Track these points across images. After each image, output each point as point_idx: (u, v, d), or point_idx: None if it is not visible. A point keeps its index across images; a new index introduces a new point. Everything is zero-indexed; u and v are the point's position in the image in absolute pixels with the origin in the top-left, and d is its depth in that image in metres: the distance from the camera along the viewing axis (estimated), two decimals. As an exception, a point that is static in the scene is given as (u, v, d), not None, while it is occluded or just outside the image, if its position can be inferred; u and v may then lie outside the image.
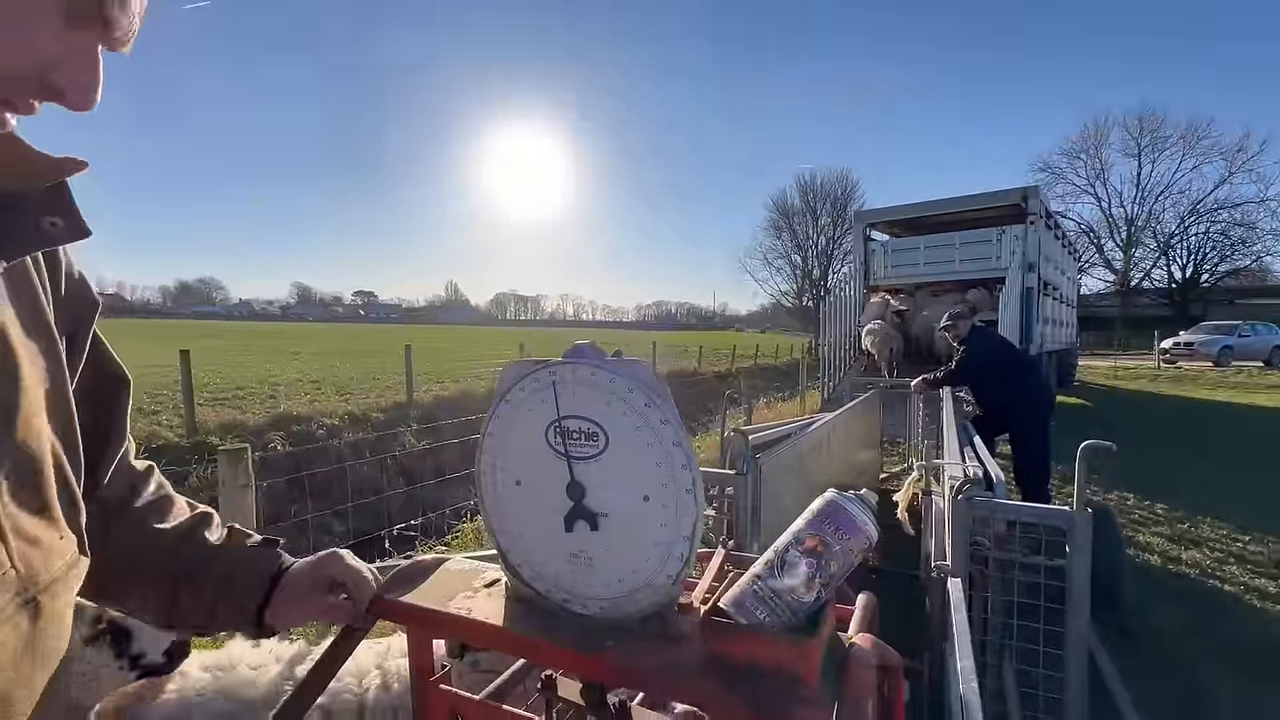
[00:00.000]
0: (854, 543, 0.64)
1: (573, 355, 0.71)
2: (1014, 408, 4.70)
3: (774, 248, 45.99)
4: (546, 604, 0.75)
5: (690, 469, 0.65)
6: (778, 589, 0.62)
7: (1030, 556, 1.66)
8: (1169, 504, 5.49)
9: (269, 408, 8.98)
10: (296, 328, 56.35)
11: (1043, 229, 9.01)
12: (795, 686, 0.57)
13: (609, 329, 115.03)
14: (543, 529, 0.74)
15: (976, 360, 4.78)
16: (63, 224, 0.56)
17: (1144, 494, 5.79)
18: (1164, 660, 3.00)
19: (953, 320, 5.05)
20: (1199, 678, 2.83)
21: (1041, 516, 1.61)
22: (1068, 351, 14.13)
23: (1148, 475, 6.31)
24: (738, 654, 0.60)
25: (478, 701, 0.83)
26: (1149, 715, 2.45)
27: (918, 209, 10.13)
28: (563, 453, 0.71)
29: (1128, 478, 6.08)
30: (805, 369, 11.46)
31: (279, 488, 5.34)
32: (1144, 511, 5.36)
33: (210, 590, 0.78)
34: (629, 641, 0.67)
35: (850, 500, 0.66)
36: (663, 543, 0.67)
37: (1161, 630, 3.30)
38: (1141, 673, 2.85)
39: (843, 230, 40.17)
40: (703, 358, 22.23)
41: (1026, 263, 8.74)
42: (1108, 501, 5.49)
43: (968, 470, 1.81)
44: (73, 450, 0.61)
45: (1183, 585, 3.94)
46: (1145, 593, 3.71)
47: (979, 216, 9.62)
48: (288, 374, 13.00)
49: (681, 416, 0.67)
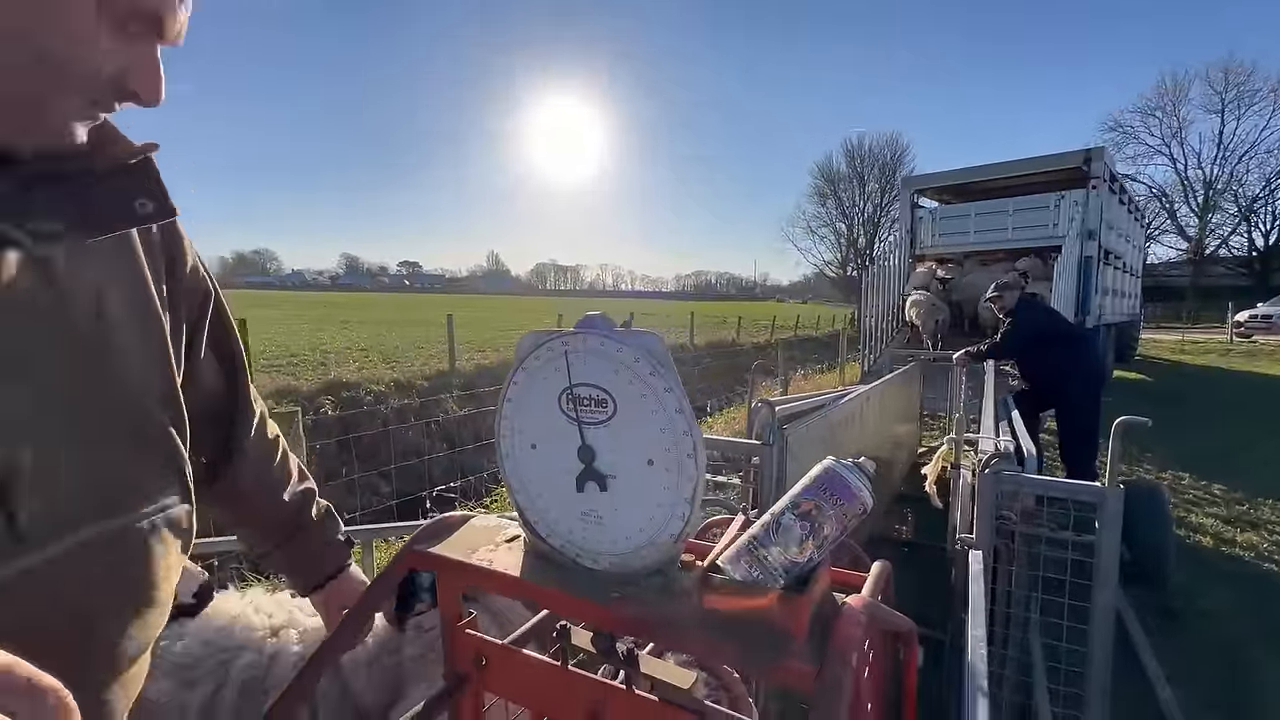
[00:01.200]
0: (849, 508, 0.66)
1: (584, 325, 0.75)
2: (1061, 383, 4.53)
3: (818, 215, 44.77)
4: (560, 558, 0.80)
5: (691, 435, 0.68)
6: (771, 549, 0.65)
7: (1058, 532, 1.64)
8: (1228, 484, 5.25)
9: (320, 374, 9.39)
10: (345, 297, 58.18)
11: (1106, 193, 8.49)
12: (783, 640, 0.61)
13: (647, 299, 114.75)
14: (557, 489, 0.78)
15: (1022, 333, 4.61)
16: (153, 206, 0.65)
17: (1201, 473, 5.54)
18: (1207, 641, 2.93)
19: (999, 291, 4.87)
20: (1242, 659, 2.75)
21: (1070, 492, 1.58)
22: (1130, 324, 13.41)
23: (1208, 454, 6.03)
24: (731, 608, 0.64)
25: (499, 645, 0.90)
26: (1185, 692, 2.41)
27: (970, 174, 9.66)
28: (574, 418, 0.75)
29: (1185, 456, 5.83)
30: (845, 341, 11.24)
31: (330, 450, 5.63)
32: (1199, 491, 5.14)
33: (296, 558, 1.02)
34: (634, 594, 0.72)
35: (847, 467, 0.68)
36: (665, 504, 0.70)
37: (1208, 612, 3.21)
38: (1181, 652, 2.79)
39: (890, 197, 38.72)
40: (741, 329, 22.01)
41: (1086, 230, 8.28)
42: (1160, 480, 5.29)
43: (998, 444, 1.78)
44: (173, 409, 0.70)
45: (1235, 568, 3.80)
46: (1193, 574, 3.59)
47: (1036, 181, 9.12)
48: (337, 342, 13.52)
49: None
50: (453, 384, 9.70)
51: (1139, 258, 13.72)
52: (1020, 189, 9.31)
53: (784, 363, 8.19)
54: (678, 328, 20.78)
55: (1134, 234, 12.24)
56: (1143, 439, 7.12)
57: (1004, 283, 5.01)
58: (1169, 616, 3.09)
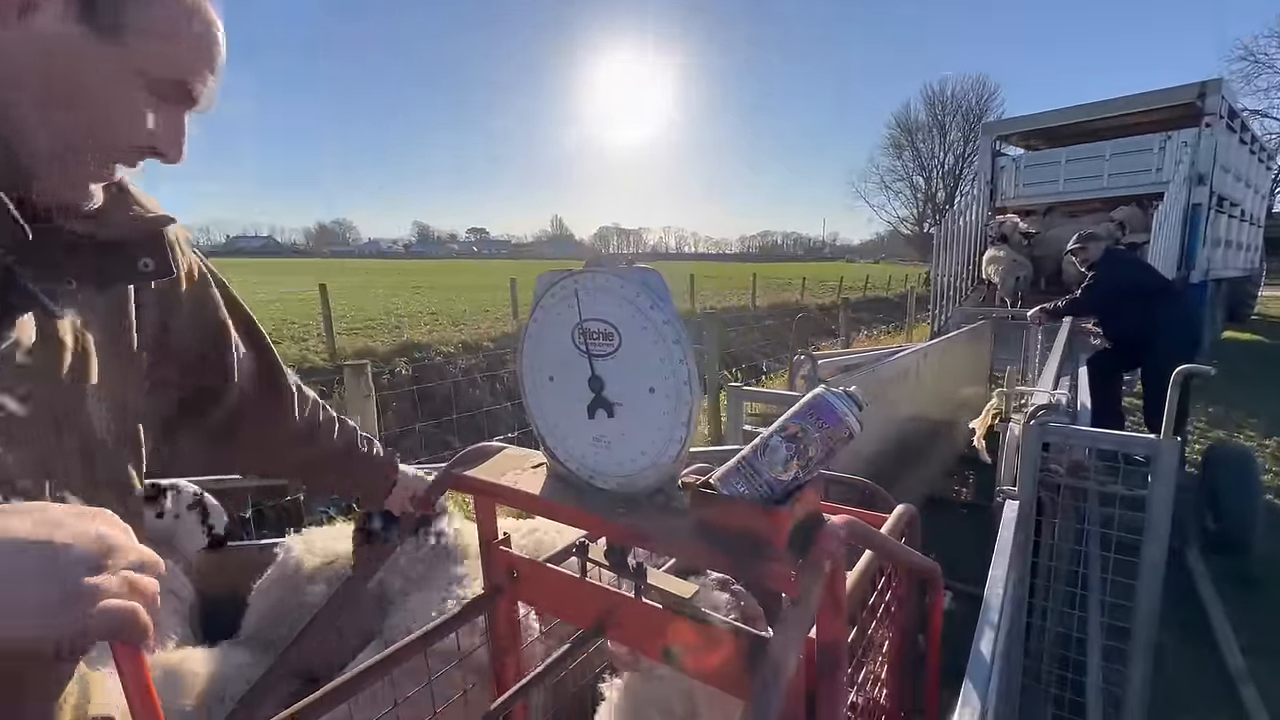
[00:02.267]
0: (834, 431, 0.70)
1: (594, 265, 0.80)
2: (1147, 342, 4.19)
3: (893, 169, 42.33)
4: (576, 480, 0.87)
5: (686, 363, 0.73)
6: (758, 467, 0.70)
7: (1107, 484, 1.57)
8: (1343, 454, 4.76)
9: (395, 336, 9.96)
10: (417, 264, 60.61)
11: (1223, 132, 7.57)
12: (765, 547, 0.66)
13: (710, 261, 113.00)
14: (571, 417, 0.86)
15: (1104, 286, 4.27)
16: (153, 264, 0.71)
17: (1313, 441, 5.05)
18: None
19: (1082, 242, 4.51)
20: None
21: (1122, 444, 1.51)
22: (1245, 279, 12.09)
23: (1324, 420, 5.46)
24: (720, 520, 0.70)
25: (528, 560, 1.00)
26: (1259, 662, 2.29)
27: (1061, 116, 8.78)
28: (585, 351, 0.82)
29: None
30: (914, 300, 10.76)
31: (404, 407, 6.03)
32: (1306, 459, 4.69)
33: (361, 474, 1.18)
34: (638, 510, 0.79)
35: (836, 394, 0.71)
36: (665, 428, 0.76)
37: (1297, 583, 2.98)
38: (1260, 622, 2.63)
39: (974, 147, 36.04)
40: (806, 289, 21.42)
41: (1195, 174, 7.46)
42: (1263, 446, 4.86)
43: (1052, 396, 1.71)
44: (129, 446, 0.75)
45: (1336, 540, 3.49)
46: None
47: (1140, 121, 8.24)
48: (411, 307, 14.22)
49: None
50: (516, 344, 10.04)
51: (1262, 205, 12.21)
52: (1120, 131, 8.44)
53: (846, 323, 7.97)
54: (739, 290, 20.48)
55: (1258, 178, 10.88)
56: (1248, 403, 6.52)
57: (1089, 233, 4.64)
58: (1248, 585, 2.90)
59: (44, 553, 0.47)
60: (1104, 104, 8.37)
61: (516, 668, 1.06)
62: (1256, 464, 3.25)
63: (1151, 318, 4.20)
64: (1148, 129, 8.06)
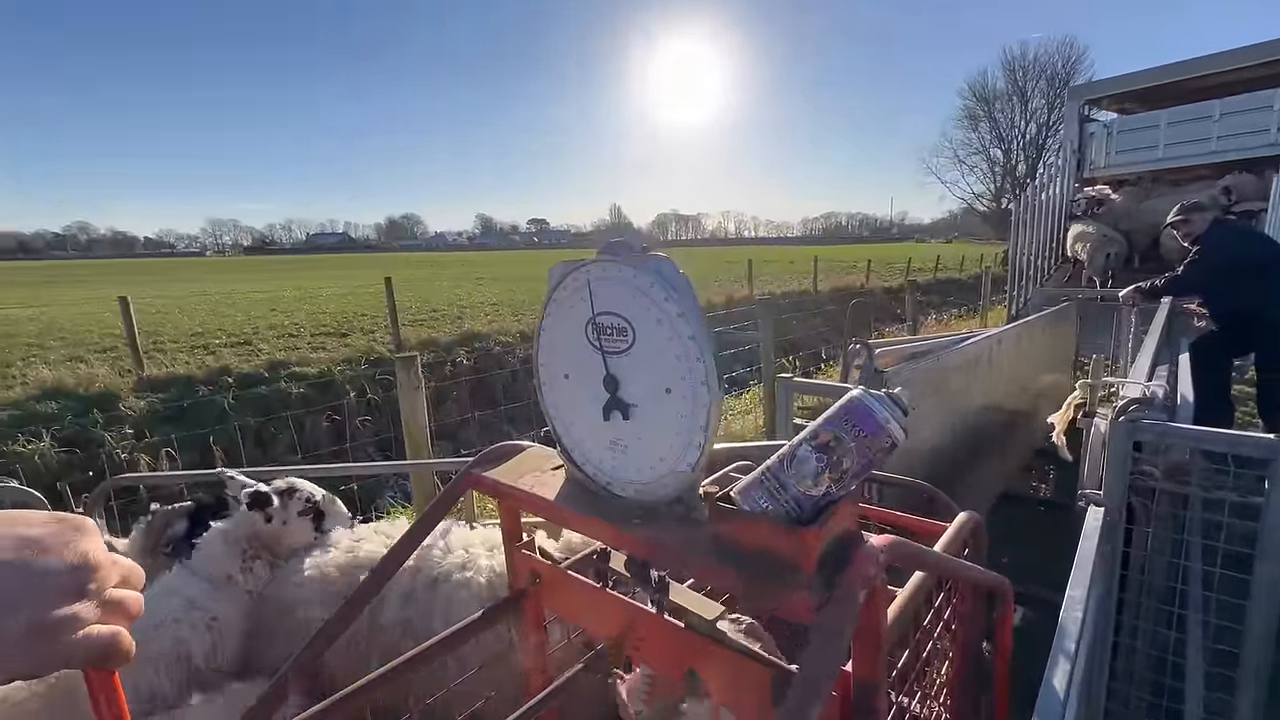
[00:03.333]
0: (873, 440, 0.60)
1: (607, 252, 0.74)
2: (1265, 322, 3.71)
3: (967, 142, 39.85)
4: (593, 485, 0.82)
5: (704, 360, 0.65)
6: (784, 480, 0.61)
7: (1213, 491, 1.37)
8: None
9: (457, 327, 10.24)
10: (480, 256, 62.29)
11: (1359, 82, 6.66)
12: (790, 571, 0.58)
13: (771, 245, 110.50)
14: (587, 418, 0.80)
15: (1210, 262, 3.80)
16: None
17: None
18: None
19: (1185, 214, 4.04)
20: None
21: (1231, 445, 1.29)
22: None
23: None
24: (740, 536, 0.62)
25: (550, 565, 0.95)
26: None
27: (1160, 74, 7.92)
28: (598, 347, 0.75)
29: None
30: (990, 282, 10.08)
31: (462, 394, 6.18)
32: None
33: None
34: (655, 520, 0.72)
35: (874, 398, 0.62)
36: (683, 433, 0.69)
37: None
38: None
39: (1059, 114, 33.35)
40: (871, 272, 20.55)
41: (1323, 132, 6.60)
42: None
43: (1146, 389, 1.50)
44: None
45: None
46: None
47: (1253, 76, 7.34)
48: (473, 298, 14.60)
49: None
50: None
51: None
52: (1230, 88, 7.54)
53: (913, 307, 7.56)
54: (801, 274, 19.89)
55: (1404, 133, 9.51)
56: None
57: (1193, 203, 4.15)
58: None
59: (24, 580, 0.44)
60: (1212, 58, 7.50)
61: (543, 678, 1.02)
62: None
63: (1267, 295, 3.72)
64: (1264, 84, 7.16)
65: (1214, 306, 4.07)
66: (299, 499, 1.70)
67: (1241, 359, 4.45)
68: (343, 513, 1.78)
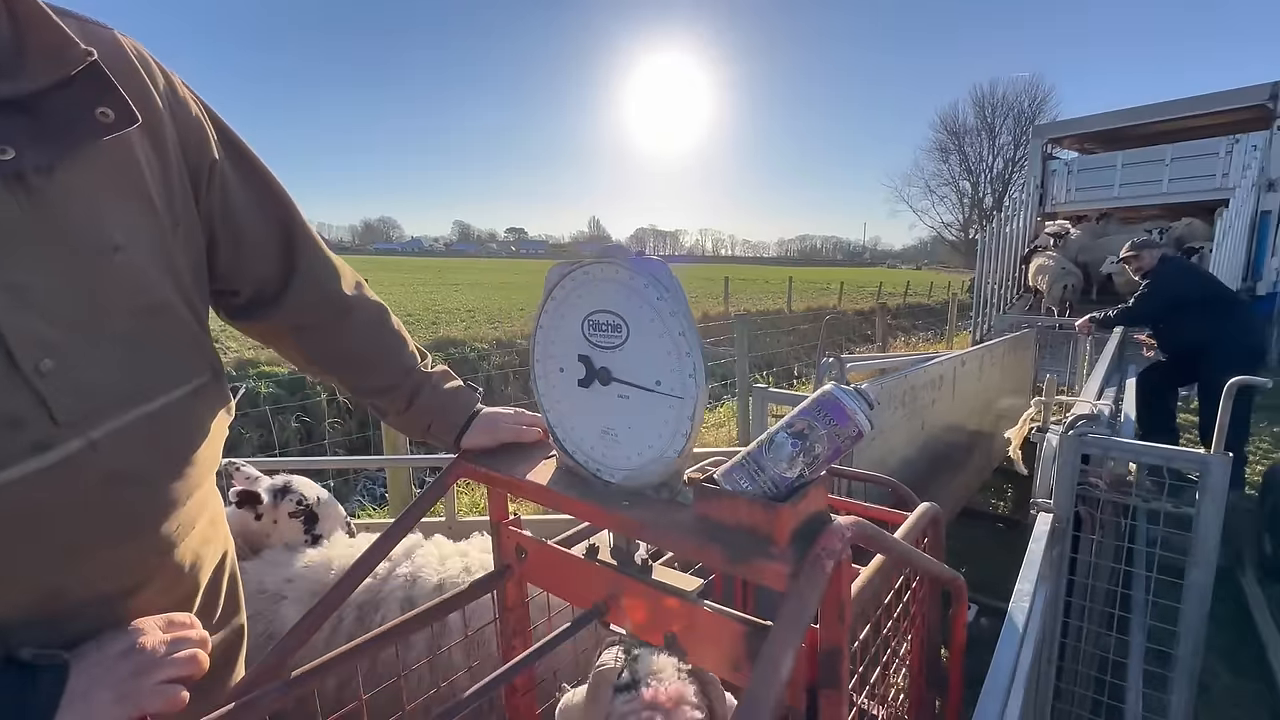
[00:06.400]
0: (842, 430, 0.67)
1: (604, 255, 0.80)
2: (1204, 355, 3.96)
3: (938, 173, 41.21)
4: (583, 472, 0.87)
5: (693, 355, 0.72)
6: (763, 463, 0.68)
7: (1150, 500, 1.48)
8: None
9: (432, 332, 10.17)
10: (457, 262, 61.84)
11: (1296, 136, 7.14)
12: (765, 544, 0.64)
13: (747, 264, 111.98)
14: (580, 410, 0.85)
15: (1160, 296, 4.06)
16: (114, 114, 0.62)
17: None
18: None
19: (1136, 250, 4.30)
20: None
21: (1167, 458, 1.41)
22: (1318, 293, 11.34)
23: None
24: (721, 514, 0.68)
25: (537, 541, 1.00)
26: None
27: (1119, 118, 8.41)
28: (593, 343, 0.81)
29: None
30: (956, 308, 10.44)
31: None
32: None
33: (434, 406, 1.01)
34: (641, 504, 0.78)
35: (845, 392, 0.69)
36: (670, 422, 0.75)
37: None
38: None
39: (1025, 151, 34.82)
40: (844, 294, 21.03)
41: (1265, 180, 7.06)
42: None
43: (1093, 406, 1.62)
44: (188, 295, 0.75)
45: None
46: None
47: (1204, 124, 7.83)
48: (449, 304, 14.50)
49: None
50: (549, 344, 10.15)
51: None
52: (1183, 134, 8.03)
53: (883, 329, 7.79)
54: (775, 293, 20.23)
55: (1335, 184, 10.21)
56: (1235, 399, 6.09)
57: (1142, 240, 4.43)
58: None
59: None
60: (1166, 105, 7.98)
61: (524, 646, 1.06)
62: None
63: (1211, 329, 3.98)
64: (1213, 132, 7.65)
65: (1162, 338, 4.33)
66: (291, 499, 1.67)
67: (1186, 389, 4.72)
68: (339, 516, 1.74)
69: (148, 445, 0.69)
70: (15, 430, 0.58)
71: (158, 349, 0.70)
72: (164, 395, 0.71)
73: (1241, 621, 2.69)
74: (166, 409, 0.71)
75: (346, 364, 0.99)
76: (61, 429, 0.60)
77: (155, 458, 0.70)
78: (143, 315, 0.68)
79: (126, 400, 0.66)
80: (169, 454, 0.72)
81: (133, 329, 0.67)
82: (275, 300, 0.90)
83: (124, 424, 0.66)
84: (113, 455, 0.65)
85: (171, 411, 0.72)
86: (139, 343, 0.68)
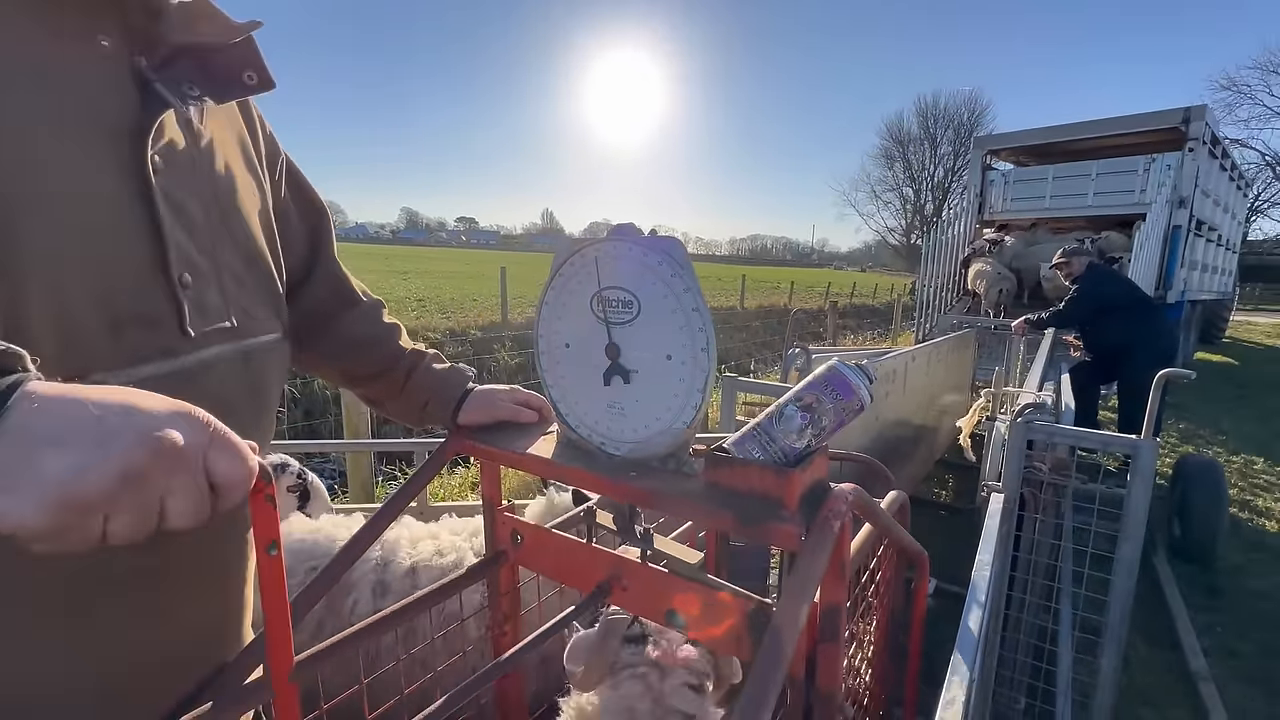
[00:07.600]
0: (846, 403, 0.72)
1: (615, 234, 0.82)
2: (1125, 355, 4.32)
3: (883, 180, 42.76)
4: (587, 446, 0.89)
5: (705, 331, 0.75)
6: (773, 434, 0.72)
7: (1088, 483, 1.63)
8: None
9: (381, 321, 9.85)
10: (405, 250, 59.93)
11: (1205, 158, 7.78)
12: (776, 507, 0.68)
13: (700, 262, 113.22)
14: (586, 383, 0.87)
15: (1087, 300, 4.39)
16: (257, 78, 0.73)
17: (1277, 459, 5.22)
18: (1253, 620, 2.84)
19: (1066, 257, 4.63)
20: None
21: (1104, 443, 1.56)
22: (1219, 303, 12.41)
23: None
24: (732, 480, 0.72)
25: (532, 525, 1.01)
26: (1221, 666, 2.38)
27: (1051, 133, 8.95)
28: (603, 319, 0.83)
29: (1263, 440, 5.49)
30: (900, 309, 10.90)
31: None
32: (1273, 476, 4.86)
33: (429, 384, 1.03)
34: (649, 474, 0.81)
35: (849, 367, 0.74)
36: (681, 394, 0.78)
37: (1259, 592, 3.10)
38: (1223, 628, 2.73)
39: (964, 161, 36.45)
40: (794, 294, 21.58)
41: (1177, 197, 7.66)
42: (1230, 462, 5.02)
43: (1037, 397, 1.76)
44: (275, 255, 0.83)
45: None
46: (1250, 556, 3.46)
47: (1126, 143, 8.42)
48: (397, 292, 14.06)
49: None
50: (504, 334, 10.00)
51: (1238, 231, 12.55)
52: (1107, 151, 8.62)
53: (834, 327, 8.06)
54: (728, 290, 20.56)
55: (1235, 205, 11.20)
56: (1216, 421, 6.72)
57: (1072, 248, 4.76)
58: (1211, 592, 3.00)
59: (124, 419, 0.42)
60: (1092, 124, 8.54)
61: (515, 633, 1.07)
62: (1224, 477, 3.35)
63: (1131, 331, 4.33)
64: (1134, 151, 8.23)
65: (1088, 339, 4.68)
66: (290, 474, 1.69)
67: (1107, 388, 5.11)
68: (325, 497, 1.77)
69: (242, 380, 0.74)
70: (152, 331, 0.63)
71: (254, 293, 0.77)
72: (254, 337, 0.76)
73: (1154, 598, 2.95)
74: (257, 351, 0.76)
75: (349, 350, 1.02)
76: (185, 341, 0.66)
77: (244, 394, 0.74)
78: (247, 259, 0.75)
79: (231, 332, 0.72)
80: (254, 393, 0.77)
81: (240, 269, 0.74)
82: (294, 290, 0.95)
83: (229, 352, 0.71)
84: (217, 379, 0.70)
85: (259, 356, 0.77)
86: (244, 281, 0.75)
